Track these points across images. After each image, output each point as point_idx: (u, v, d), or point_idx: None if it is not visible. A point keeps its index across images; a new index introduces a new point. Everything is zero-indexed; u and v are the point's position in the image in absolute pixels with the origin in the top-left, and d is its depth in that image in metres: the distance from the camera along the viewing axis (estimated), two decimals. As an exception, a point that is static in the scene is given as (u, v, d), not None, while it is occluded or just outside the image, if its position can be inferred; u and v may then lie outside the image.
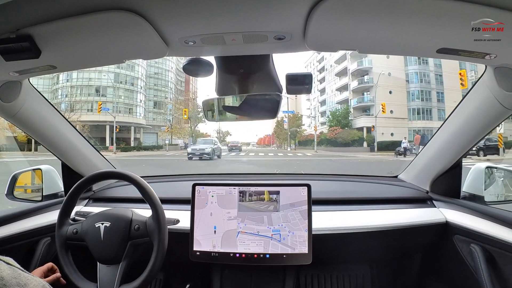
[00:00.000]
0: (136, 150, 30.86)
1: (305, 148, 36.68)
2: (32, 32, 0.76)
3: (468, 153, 1.39)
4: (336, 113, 36.25)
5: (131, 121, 37.41)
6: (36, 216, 1.41)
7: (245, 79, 1.14)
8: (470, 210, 1.33)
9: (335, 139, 32.01)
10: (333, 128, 33.95)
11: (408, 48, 0.90)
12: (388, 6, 0.67)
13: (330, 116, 36.99)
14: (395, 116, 31.41)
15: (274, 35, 0.83)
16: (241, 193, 1.32)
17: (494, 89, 1.04)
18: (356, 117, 35.34)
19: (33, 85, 1.23)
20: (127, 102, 37.92)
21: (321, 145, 32.71)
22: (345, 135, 31.65)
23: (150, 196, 1.12)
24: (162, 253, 1.09)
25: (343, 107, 36.92)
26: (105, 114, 30.51)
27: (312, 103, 50.17)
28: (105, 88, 35.93)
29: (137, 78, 39.76)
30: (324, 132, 36.22)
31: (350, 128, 34.10)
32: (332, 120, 35.70)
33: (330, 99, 43.23)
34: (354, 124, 34.79)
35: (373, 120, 30.28)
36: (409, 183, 1.69)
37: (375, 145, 27.36)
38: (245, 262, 1.27)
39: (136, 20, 0.72)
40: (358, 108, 36.08)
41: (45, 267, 1.15)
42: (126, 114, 37.11)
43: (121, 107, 37.13)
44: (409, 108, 32.79)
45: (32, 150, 20.82)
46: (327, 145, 32.93)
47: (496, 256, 1.15)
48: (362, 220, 1.40)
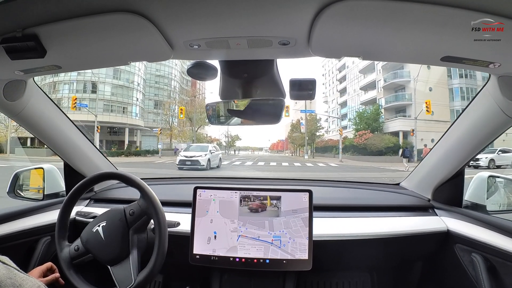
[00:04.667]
0: (125, 155, 27.82)
1: (324, 156, 31.80)
2: (38, 32, 0.77)
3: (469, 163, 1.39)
4: (364, 114, 30.72)
5: (125, 121, 34.72)
6: (36, 215, 1.43)
7: (249, 84, 1.15)
8: (471, 219, 1.33)
9: (365, 146, 26.32)
10: (361, 132, 28.30)
11: (412, 56, 0.91)
12: (392, 13, 0.68)
13: (357, 117, 31.47)
14: (435, 118, 25.14)
15: (279, 40, 0.84)
16: (243, 198, 1.33)
17: (498, 98, 1.04)
18: (388, 120, 29.75)
19: (37, 85, 1.25)
20: (121, 100, 34.88)
21: (345, 153, 27.33)
22: (377, 141, 25.93)
23: (151, 198, 1.13)
24: (162, 255, 1.10)
25: (372, 107, 31.34)
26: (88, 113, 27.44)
27: (331, 105, 46.05)
28: (95, 84, 32.90)
29: (134, 73, 36.52)
30: (349, 137, 30.48)
31: (382, 132, 28.56)
32: (360, 123, 30.15)
33: (352, 100, 39.23)
34: (387, 127, 29.20)
35: (411, 122, 25.43)
36: (411, 191, 1.70)
37: (415, 154, 21.82)
38: (245, 266, 1.28)
39: (141, 23, 0.73)
40: (390, 109, 31.17)
41: (44, 266, 1.15)
42: (119, 114, 33.58)
43: (114, 105, 34.44)
44: (452, 109, 27.14)
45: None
46: (353, 152, 27.53)
47: (498, 266, 1.15)
48: (363, 227, 1.40)
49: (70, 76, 31.42)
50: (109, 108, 33.19)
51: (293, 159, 32.98)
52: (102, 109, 31.87)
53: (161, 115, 37.73)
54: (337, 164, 21.59)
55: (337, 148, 27.91)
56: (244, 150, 73.25)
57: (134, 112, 35.98)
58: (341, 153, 25.84)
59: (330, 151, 31.57)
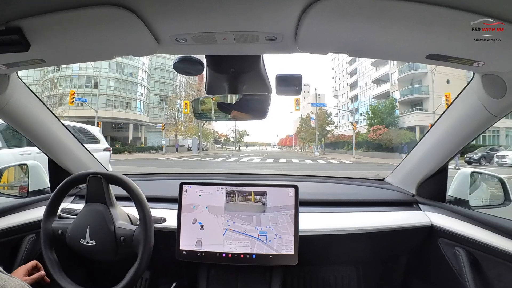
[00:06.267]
0: (128, 151, 27.23)
1: (335, 152, 30.71)
2: (22, 25, 0.75)
3: (453, 158, 1.41)
4: (378, 108, 29.01)
5: (129, 117, 33.81)
6: (21, 212, 1.42)
7: (235, 79, 1.15)
8: (455, 214, 1.36)
9: (379, 142, 24.91)
10: (375, 127, 26.92)
11: (398, 53, 0.91)
12: (380, 11, 0.68)
13: (370, 112, 29.67)
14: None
15: (266, 36, 0.84)
16: (229, 193, 1.33)
17: (481, 96, 1.07)
18: (404, 114, 28.28)
19: (21, 79, 1.23)
20: (125, 95, 33.97)
21: (358, 149, 25.76)
22: (392, 136, 24.60)
23: (137, 195, 1.14)
24: (149, 251, 1.10)
25: (386, 101, 29.72)
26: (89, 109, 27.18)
27: (341, 100, 44.31)
28: (98, 78, 32.02)
29: (138, 68, 35.34)
30: (362, 133, 29.04)
31: (397, 127, 27.05)
32: (374, 117, 28.45)
33: (363, 94, 37.84)
34: (402, 122, 27.71)
35: (429, 117, 24.48)
36: (396, 186, 1.72)
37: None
38: (232, 262, 1.28)
39: (127, 16, 0.72)
40: (405, 103, 29.78)
41: (29, 265, 1.14)
42: (122, 109, 32.63)
43: (117, 101, 33.52)
44: (470, 103, 25.52)
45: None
46: (367, 148, 26.16)
47: (480, 259, 1.18)
48: (349, 222, 1.42)
49: (72, 71, 30.68)
50: (112, 103, 32.31)
51: (303, 155, 31.74)
52: (105, 104, 31.16)
53: (165, 110, 36.64)
54: (350, 161, 20.36)
55: (349, 144, 26.73)
56: (252, 146, 74.06)
57: (139, 107, 35.26)
58: (354, 149, 24.39)
59: (341, 147, 30.79)
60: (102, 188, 1.18)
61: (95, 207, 1.17)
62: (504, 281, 1.10)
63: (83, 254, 1.13)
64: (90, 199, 1.19)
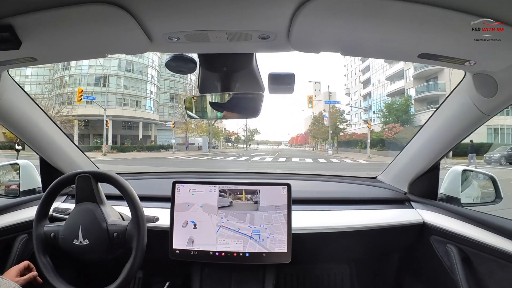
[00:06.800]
0: (137, 150, 26.68)
1: (347, 151, 29.62)
2: (13, 22, 0.74)
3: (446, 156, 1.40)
4: (393, 106, 27.91)
5: (139, 115, 33.02)
6: (12, 212, 1.39)
7: (228, 77, 1.14)
8: (446, 211, 1.35)
9: (395, 140, 24.12)
10: (390, 125, 25.78)
11: (390, 52, 0.92)
12: (372, 11, 0.69)
13: (385, 109, 28.54)
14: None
15: (258, 34, 0.84)
16: (222, 192, 1.32)
17: (473, 95, 1.07)
18: (420, 112, 27.21)
19: (12, 78, 1.21)
20: (134, 94, 33.11)
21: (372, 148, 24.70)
22: (408, 134, 23.24)
23: (126, 190, 1.13)
24: (141, 252, 1.09)
25: (401, 99, 28.72)
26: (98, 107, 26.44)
27: (353, 98, 43.32)
28: (107, 77, 31.19)
29: (147, 65, 34.57)
30: (376, 131, 28.21)
31: (412, 125, 26.04)
32: (389, 115, 27.44)
33: (376, 91, 36.47)
34: (418, 120, 26.64)
35: None
36: (388, 184, 1.72)
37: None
38: (225, 260, 1.28)
39: (119, 14, 0.71)
40: (421, 100, 28.22)
41: (21, 265, 1.13)
42: (132, 108, 32.24)
43: (127, 99, 32.73)
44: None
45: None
46: (382, 147, 25.22)
47: (471, 256, 1.18)
48: (341, 220, 1.42)
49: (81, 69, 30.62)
50: (122, 101, 32.07)
51: (316, 154, 30.42)
52: (114, 103, 30.84)
53: (175, 108, 35.43)
54: (366, 161, 19.29)
55: (362, 142, 25.93)
56: (263, 144, 73.84)
57: (148, 106, 34.20)
58: (369, 148, 23.19)
59: (354, 145, 29.55)
60: (92, 187, 1.16)
61: (86, 206, 1.15)
62: (495, 277, 1.09)
63: (77, 255, 1.12)
64: (80, 199, 1.17)
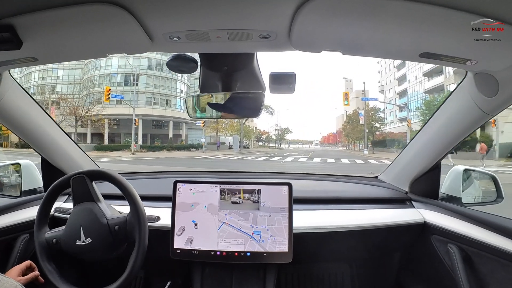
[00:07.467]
0: (167, 149, 26.84)
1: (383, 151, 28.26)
2: (14, 23, 0.74)
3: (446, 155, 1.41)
4: (433, 103, 25.95)
5: (169, 114, 33.01)
6: (14, 212, 1.39)
7: (229, 77, 1.14)
8: (447, 211, 1.35)
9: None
10: (431, 124, 24.16)
11: (391, 51, 0.91)
12: (373, 10, 0.68)
13: (424, 107, 26.87)
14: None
15: (259, 34, 0.83)
16: (223, 191, 1.31)
17: (474, 94, 1.07)
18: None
19: (13, 77, 1.21)
20: (164, 93, 33.15)
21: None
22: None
23: (130, 193, 1.12)
24: (143, 251, 1.09)
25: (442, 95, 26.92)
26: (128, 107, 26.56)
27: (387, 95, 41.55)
28: (135, 76, 31.24)
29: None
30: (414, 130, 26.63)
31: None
32: (429, 113, 25.63)
33: (413, 88, 35.07)
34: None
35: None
36: (389, 183, 1.71)
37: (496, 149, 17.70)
38: (226, 260, 1.27)
39: (120, 14, 0.71)
40: None
41: (23, 265, 1.13)
42: (162, 107, 32.33)
43: (156, 98, 32.79)
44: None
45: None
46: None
47: (473, 256, 1.18)
48: (342, 219, 1.41)
49: (111, 69, 30.85)
50: (151, 100, 32.05)
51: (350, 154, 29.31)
52: (144, 102, 30.77)
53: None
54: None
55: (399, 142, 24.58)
56: (294, 144, 72.91)
57: (178, 105, 33.76)
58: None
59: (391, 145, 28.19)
60: (87, 186, 1.15)
61: (84, 206, 1.14)
62: (496, 277, 1.09)
63: (81, 256, 1.11)
64: (78, 200, 1.16)
